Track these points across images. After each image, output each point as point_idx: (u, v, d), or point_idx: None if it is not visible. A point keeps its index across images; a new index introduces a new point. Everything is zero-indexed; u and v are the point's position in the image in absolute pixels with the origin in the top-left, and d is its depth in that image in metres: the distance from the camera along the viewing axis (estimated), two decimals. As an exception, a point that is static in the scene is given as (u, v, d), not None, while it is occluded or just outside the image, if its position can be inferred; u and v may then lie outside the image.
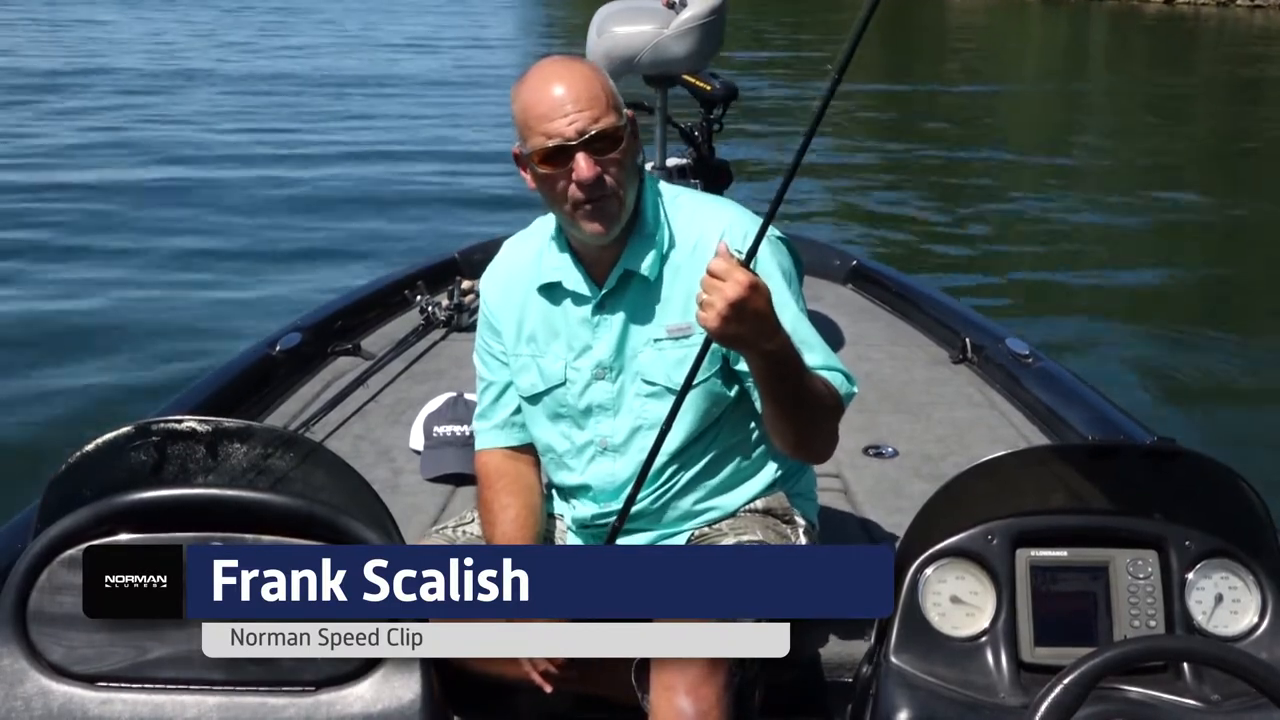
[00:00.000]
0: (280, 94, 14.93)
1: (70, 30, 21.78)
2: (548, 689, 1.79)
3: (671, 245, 1.92)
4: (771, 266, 1.86)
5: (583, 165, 1.79)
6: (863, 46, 1.53)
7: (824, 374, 1.84)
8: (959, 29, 31.31)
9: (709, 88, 4.08)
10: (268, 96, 14.69)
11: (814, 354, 1.85)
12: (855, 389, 1.90)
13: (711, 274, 1.63)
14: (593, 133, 1.79)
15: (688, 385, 1.70)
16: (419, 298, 3.88)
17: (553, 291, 1.97)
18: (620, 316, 1.92)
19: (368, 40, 22.66)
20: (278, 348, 3.41)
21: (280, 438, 1.77)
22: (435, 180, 10.20)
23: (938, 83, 18.72)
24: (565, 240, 1.95)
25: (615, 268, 1.91)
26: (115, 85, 15.30)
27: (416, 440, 2.95)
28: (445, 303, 3.83)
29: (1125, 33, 31.25)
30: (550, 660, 1.76)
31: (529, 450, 2.06)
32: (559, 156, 1.80)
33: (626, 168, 1.84)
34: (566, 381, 1.96)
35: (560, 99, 1.80)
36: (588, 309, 1.94)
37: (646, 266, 1.90)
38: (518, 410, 2.05)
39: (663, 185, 1.98)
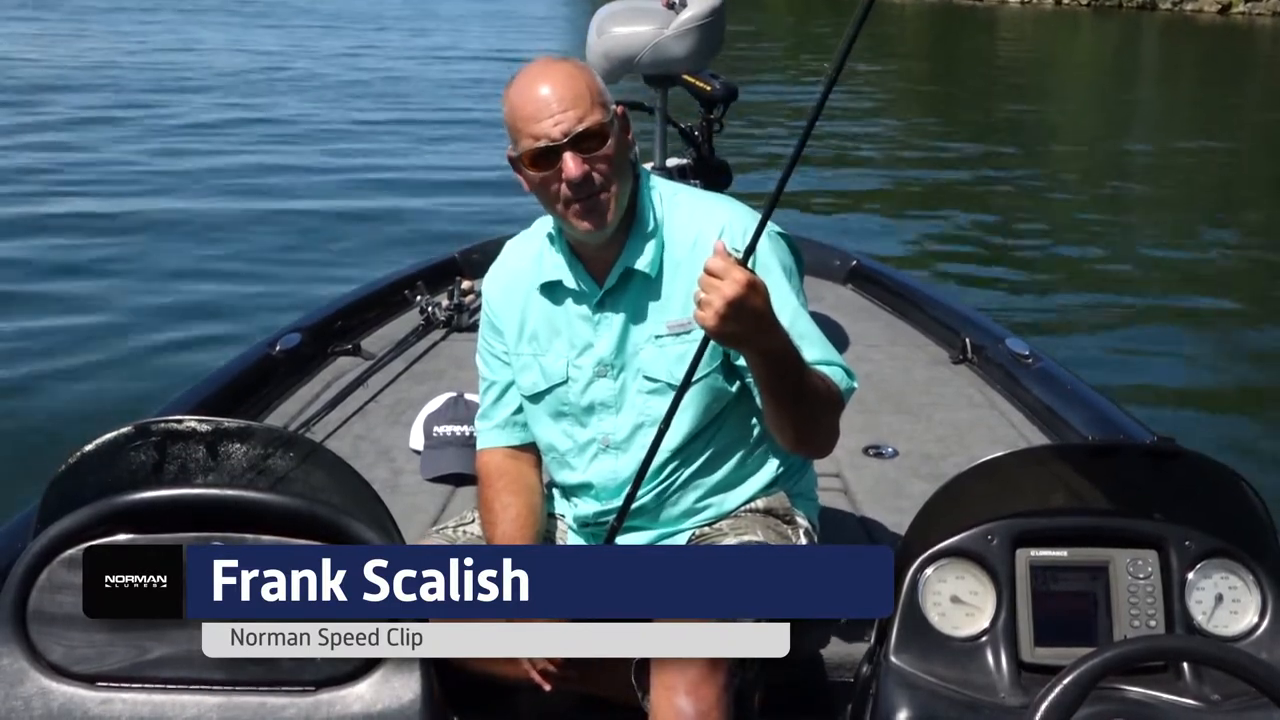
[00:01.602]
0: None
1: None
2: (547, 689, 1.79)
3: (671, 242, 1.91)
4: (771, 262, 1.86)
5: (570, 165, 1.79)
6: (910, 58, 1.54)
7: (824, 369, 1.84)
8: (1006, 39, 30.96)
9: (709, 88, 4.08)
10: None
11: (813, 349, 1.85)
12: (855, 384, 1.90)
13: (709, 273, 1.62)
14: (578, 132, 1.79)
15: (688, 380, 1.70)
16: (419, 298, 3.88)
17: (553, 290, 1.97)
18: (621, 314, 1.93)
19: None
20: (278, 348, 3.40)
21: (280, 438, 1.77)
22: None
23: (982, 94, 18.47)
24: (565, 239, 1.95)
25: (615, 265, 1.91)
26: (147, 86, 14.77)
27: (416, 440, 2.95)
28: (445, 303, 3.84)
29: (1176, 44, 30.79)
30: (550, 660, 1.76)
31: (530, 450, 2.07)
32: (547, 157, 1.81)
33: (616, 164, 1.84)
34: (568, 379, 1.96)
35: (545, 100, 1.80)
36: (588, 307, 1.94)
37: (646, 263, 1.90)
38: (519, 410, 2.05)
39: (661, 182, 1.99)
